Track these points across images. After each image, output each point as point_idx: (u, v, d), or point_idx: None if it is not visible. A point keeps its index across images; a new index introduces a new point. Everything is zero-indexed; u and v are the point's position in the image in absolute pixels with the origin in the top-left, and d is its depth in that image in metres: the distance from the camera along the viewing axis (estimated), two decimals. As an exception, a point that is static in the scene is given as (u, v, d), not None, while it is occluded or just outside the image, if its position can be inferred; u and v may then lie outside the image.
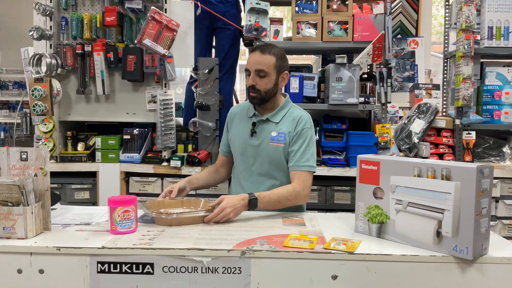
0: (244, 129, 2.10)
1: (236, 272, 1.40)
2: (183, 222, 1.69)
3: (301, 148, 2.00)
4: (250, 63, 2.00)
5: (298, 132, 2.01)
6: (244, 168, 2.09)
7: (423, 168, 1.44)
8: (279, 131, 2.03)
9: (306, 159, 1.99)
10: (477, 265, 1.37)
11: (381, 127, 2.88)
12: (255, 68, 1.97)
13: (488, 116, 2.95)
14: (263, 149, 2.04)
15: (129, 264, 1.41)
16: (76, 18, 2.84)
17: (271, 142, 2.02)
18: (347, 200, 2.82)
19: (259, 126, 2.07)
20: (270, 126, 2.05)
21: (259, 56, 1.98)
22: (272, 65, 1.98)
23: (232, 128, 2.16)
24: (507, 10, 2.89)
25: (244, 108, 2.17)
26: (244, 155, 2.08)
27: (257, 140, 2.05)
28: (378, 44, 2.79)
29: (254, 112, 2.08)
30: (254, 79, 1.98)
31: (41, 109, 2.68)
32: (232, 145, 2.15)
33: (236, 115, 2.18)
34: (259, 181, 2.04)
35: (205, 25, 3.18)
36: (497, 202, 2.79)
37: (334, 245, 1.45)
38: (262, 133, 2.05)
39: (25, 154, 1.58)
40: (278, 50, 2.03)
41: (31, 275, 1.42)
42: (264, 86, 1.98)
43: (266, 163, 2.04)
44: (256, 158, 2.05)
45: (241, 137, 2.10)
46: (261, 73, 1.97)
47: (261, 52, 1.98)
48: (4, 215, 1.49)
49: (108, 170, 2.84)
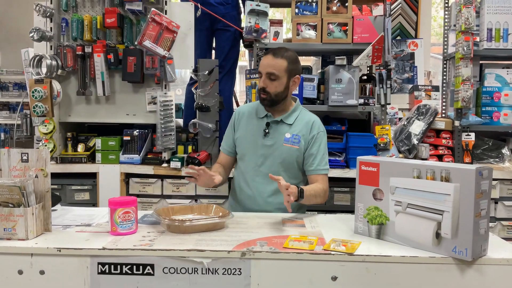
0: (254, 129, 2.12)
1: (236, 273, 1.41)
2: (197, 229, 1.62)
3: (319, 152, 2.07)
4: (262, 66, 2.03)
5: (314, 135, 2.07)
6: (251, 168, 2.10)
7: (423, 170, 1.44)
8: (293, 133, 2.07)
9: (325, 163, 2.09)
10: (476, 266, 1.38)
11: (381, 128, 2.88)
12: (267, 71, 2.01)
13: (487, 117, 2.96)
14: (275, 150, 2.07)
15: (130, 265, 1.41)
16: (76, 19, 2.84)
17: (285, 143, 2.06)
18: (347, 202, 2.82)
19: (273, 126, 2.09)
20: (284, 127, 2.09)
21: (271, 60, 2.01)
22: (284, 68, 2.01)
23: (240, 127, 2.17)
24: (506, 12, 2.89)
25: (253, 108, 2.18)
26: (253, 155, 2.10)
27: (271, 140, 2.08)
28: (378, 45, 2.80)
29: (267, 113, 2.11)
30: (265, 81, 2.01)
31: (41, 110, 2.68)
32: (240, 144, 2.16)
33: (244, 114, 2.19)
34: (265, 182, 2.05)
35: (205, 26, 3.18)
36: (496, 203, 2.79)
37: (333, 246, 1.45)
38: (275, 134, 2.08)
39: (25, 155, 1.58)
40: (291, 54, 2.06)
41: (32, 276, 1.42)
42: (274, 89, 2.02)
43: (276, 164, 2.07)
44: (266, 158, 2.08)
45: (251, 136, 2.11)
46: (272, 76, 2.00)
47: (274, 56, 2.02)
48: (5, 216, 1.50)
49: (108, 171, 2.84)
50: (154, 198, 2.85)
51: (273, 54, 2.02)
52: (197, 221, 1.65)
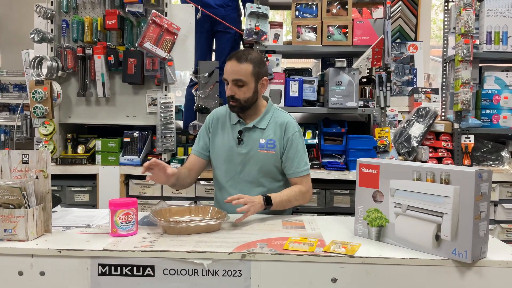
0: (228, 137, 2.04)
1: (236, 275, 1.41)
2: (192, 231, 1.62)
3: (297, 154, 2.00)
4: (227, 72, 1.93)
5: (289, 138, 2.00)
6: (231, 177, 2.04)
7: (422, 172, 1.45)
8: (267, 138, 2.00)
9: (304, 164, 2.02)
10: (476, 269, 1.38)
11: (380, 130, 2.89)
12: (232, 78, 1.92)
13: (487, 120, 2.97)
14: (251, 157, 2.00)
15: (130, 266, 1.41)
16: (77, 21, 2.85)
17: (260, 150, 1.99)
18: (347, 204, 2.82)
19: (245, 133, 2.02)
20: (257, 133, 2.01)
21: (236, 65, 1.90)
22: (250, 73, 1.91)
23: (214, 134, 2.09)
24: (505, 15, 2.90)
25: (224, 114, 2.09)
26: (230, 163, 2.03)
27: (245, 148, 2.01)
28: (378, 48, 2.81)
29: (239, 120, 2.03)
30: (232, 89, 1.92)
31: (41, 112, 2.69)
32: (215, 152, 2.08)
33: (217, 121, 2.10)
34: (247, 189, 1.99)
35: (205, 28, 3.20)
36: (495, 206, 2.80)
37: (333, 248, 1.45)
38: (250, 141, 2.01)
39: (26, 156, 1.58)
40: (255, 56, 1.96)
41: (32, 277, 1.42)
42: (243, 95, 1.93)
43: (254, 171, 2.00)
44: (244, 165, 2.01)
45: (226, 145, 2.03)
46: (239, 82, 1.91)
47: (238, 61, 1.91)
48: (6, 217, 1.50)
49: (108, 173, 2.84)
50: (154, 200, 2.86)
51: (237, 59, 1.91)
52: (191, 223, 1.64)
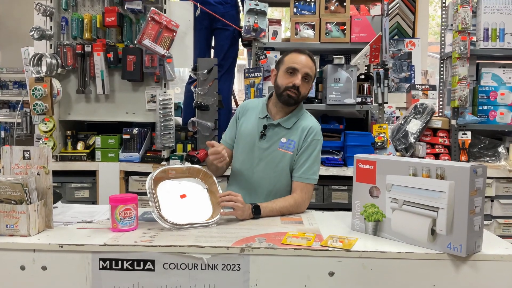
0: (254, 130, 2.06)
1: (235, 269, 1.43)
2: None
3: (309, 160, 1.99)
4: (302, 63, 1.96)
5: (308, 142, 2.00)
6: (248, 167, 2.06)
7: (418, 168, 1.47)
8: (289, 138, 2.02)
9: (313, 172, 2.00)
10: (471, 262, 1.40)
11: (378, 127, 2.91)
12: (305, 72, 1.96)
13: (484, 116, 2.99)
14: (270, 153, 2.02)
15: (130, 261, 1.43)
16: (76, 18, 2.86)
17: (279, 148, 2.01)
18: (344, 199, 2.85)
19: (270, 129, 2.04)
20: (281, 131, 2.03)
21: (310, 61, 1.98)
22: (314, 73, 2.02)
23: (243, 123, 2.12)
24: (502, 12, 2.92)
25: (257, 106, 2.13)
26: (250, 154, 2.06)
27: (266, 143, 2.03)
28: (375, 45, 2.82)
29: (266, 114, 2.06)
30: (302, 81, 1.96)
31: (41, 109, 2.70)
32: (239, 141, 2.11)
33: (248, 111, 2.13)
34: (257, 184, 2.03)
35: (204, 25, 3.20)
36: (492, 201, 2.82)
37: (331, 242, 1.47)
38: (272, 137, 2.03)
39: (27, 153, 1.60)
40: None
41: (34, 272, 1.44)
42: (304, 90, 2.00)
43: (269, 168, 2.02)
44: (261, 160, 2.04)
45: (250, 136, 2.06)
46: (307, 77, 1.98)
47: (310, 58, 1.99)
48: (7, 212, 1.52)
49: (107, 169, 2.86)
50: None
51: (309, 56, 1.99)
52: (187, 226, 1.65)
